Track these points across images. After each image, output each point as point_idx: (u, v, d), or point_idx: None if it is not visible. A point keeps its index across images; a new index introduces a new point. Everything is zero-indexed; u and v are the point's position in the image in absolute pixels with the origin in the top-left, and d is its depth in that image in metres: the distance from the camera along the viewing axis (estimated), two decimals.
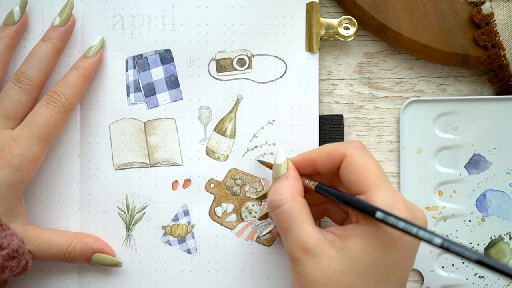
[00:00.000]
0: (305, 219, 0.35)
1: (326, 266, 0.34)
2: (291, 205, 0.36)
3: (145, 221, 0.44)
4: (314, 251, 0.34)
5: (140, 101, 0.44)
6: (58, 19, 0.42)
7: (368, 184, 0.35)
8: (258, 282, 0.44)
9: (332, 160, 0.37)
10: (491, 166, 0.45)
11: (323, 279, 0.34)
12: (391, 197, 0.34)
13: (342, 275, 0.34)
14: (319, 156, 0.38)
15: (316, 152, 0.38)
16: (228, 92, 0.44)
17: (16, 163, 0.38)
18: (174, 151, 0.44)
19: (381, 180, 0.35)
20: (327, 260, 0.34)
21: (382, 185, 0.35)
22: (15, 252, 0.37)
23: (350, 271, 0.34)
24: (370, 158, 0.36)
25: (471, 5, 0.44)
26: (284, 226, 0.36)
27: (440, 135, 0.45)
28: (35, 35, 0.44)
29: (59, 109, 0.40)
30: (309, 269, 0.34)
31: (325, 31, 0.44)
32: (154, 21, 0.44)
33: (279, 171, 0.38)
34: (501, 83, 0.45)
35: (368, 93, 0.46)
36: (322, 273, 0.34)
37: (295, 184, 0.37)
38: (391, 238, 0.34)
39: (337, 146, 0.37)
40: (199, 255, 0.44)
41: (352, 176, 0.35)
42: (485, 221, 0.45)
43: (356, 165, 0.35)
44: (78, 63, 0.42)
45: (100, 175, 0.44)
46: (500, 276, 0.30)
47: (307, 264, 0.34)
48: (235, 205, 0.44)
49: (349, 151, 0.36)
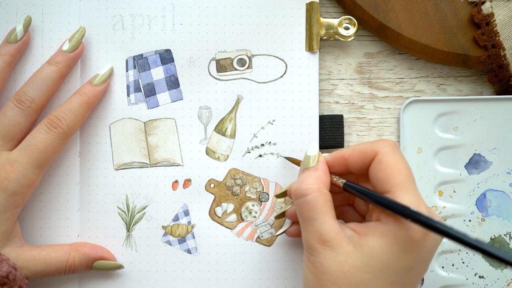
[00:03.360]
0: (328, 212, 0.35)
1: (342, 261, 0.34)
2: (316, 196, 0.36)
3: (145, 221, 0.44)
4: (332, 244, 0.34)
5: (140, 101, 0.44)
6: (67, 45, 0.41)
7: (395, 184, 0.34)
8: (258, 282, 0.44)
9: (364, 158, 0.37)
10: (491, 166, 0.45)
11: (338, 273, 0.34)
12: (416, 200, 0.34)
13: (358, 272, 0.33)
14: (351, 154, 0.37)
15: (348, 151, 0.38)
16: (228, 92, 0.44)
17: (11, 188, 0.38)
18: (174, 151, 0.44)
19: (409, 182, 0.35)
20: (344, 254, 0.34)
21: (409, 187, 0.35)
22: (4, 278, 0.36)
23: (366, 269, 0.33)
24: (401, 158, 0.36)
25: (471, 5, 0.44)
26: (306, 216, 0.36)
27: (440, 135, 0.45)
28: (35, 35, 0.44)
29: (59, 136, 0.40)
30: (324, 261, 0.34)
31: (325, 31, 0.44)
32: (154, 21, 0.44)
33: (309, 162, 0.38)
34: (501, 83, 0.45)
35: (368, 93, 0.46)
36: (337, 266, 0.34)
37: (323, 177, 0.37)
38: (411, 240, 0.34)
39: (370, 144, 0.37)
40: (199, 255, 0.44)
41: (381, 174, 0.35)
42: (485, 221, 0.45)
43: (386, 163, 0.35)
44: (83, 89, 0.42)
45: (100, 175, 0.44)
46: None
47: (324, 255, 0.34)
48: (235, 205, 0.44)
49: (381, 149, 0.36)
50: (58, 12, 0.44)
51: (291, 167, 0.44)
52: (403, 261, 0.34)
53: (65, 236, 0.44)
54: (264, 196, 0.44)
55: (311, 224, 0.35)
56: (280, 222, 0.44)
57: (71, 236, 0.44)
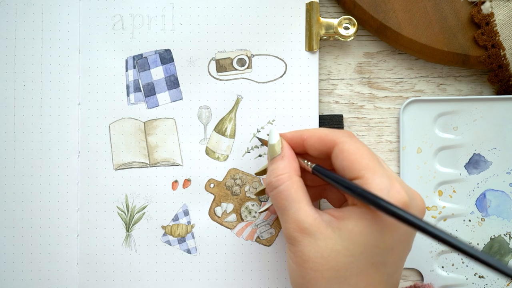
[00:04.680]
0: (302, 199, 0.35)
1: (322, 246, 0.34)
2: (288, 185, 0.36)
3: (145, 221, 0.44)
4: (310, 230, 0.34)
5: (140, 101, 0.44)
6: None
7: (362, 169, 0.34)
8: (258, 282, 0.44)
9: (322, 144, 0.37)
10: (491, 166, 0.45)
11: (319, 259, 0.34)
12: (387, 180, 0.34)
13: (338, 256, 0.33)
14: (310, 137, 0.37)
15: (307, 133, 0.38)
16: (228, 92, 0.44)
17: None
18: (174, 151, 0.44)
19: (375, 164, 0.35)
20: (323, 240, 0.34)
21: (377, 169, 0.34)
22: None
23: (346, 252, 0.33)
24: (362, 144, 0.36)
25: (471, 5, 0.44)
26: (281, 206, 0.36)
27: (440, 135, 0.45)
28: (35, 34, 0.44)
29: None
30: (305, 249, 0.34)
31: (325, 31, 0.44)
32: (154, 21, 0.44)
33: (274, 151, 0.38)
34: (501, 83, 0.45)
35: (368, 93, 0.46)
36: (318, 252, 0.34)
37: (291, 163, 0.37)
38: (388, 220, 0.34)
39: (328, 132, 0.37)
40: (199, 255, 0.44)
41: (345, 162, 0.35)
42: (485, 221, 0.45)
43: (348, 151, 0.35)
44: None
45: (99, 175, 0.44)
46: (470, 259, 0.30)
47: (304, 243, 0.34)
48: (235, 205, 0.44)
49: (340, 139, 0.36)
50: (58, 12, 0.44)
51: None
52: (383, 241, 0.34)
53: (65, 236, 0.44)
54: (263, 196, 0.44)
55: (287, 214, 0.35)
56: (279, 222, 0.44)
57: (70, 236, 0.44)
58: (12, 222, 0.44)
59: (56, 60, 0.44)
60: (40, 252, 0.44)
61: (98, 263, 0.44)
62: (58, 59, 0.44)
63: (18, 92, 0.44)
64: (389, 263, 0.35)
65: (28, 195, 0.43)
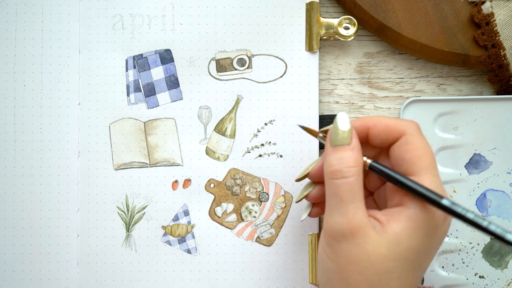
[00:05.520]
0: (362, 199, 0.34)
1: (370, 250, 0.32)
2: (357, 179, 0.34)
3: (145, 221, 0.44)
4: (362, 232, 0.33)
5: (140, 101, 0.44)
6: None
7: (422, 168, 0.34)
8: (258, 282, 0.44)
9: (388, 134, 0.35)
10: (491, 166, 0.45)
11: (365, 263, 0.32)
12: (439, 185, 0.34)
13: (384, 260, 0.32)
14: (375, 125, 0.36)
15: (373, 120, 0.36)
16: (228, 92, 0.44)
17: None
18: (174, 151, 0.44)
19: (434, 167, 0.34)
20: (371, 243, 0.32)
21: (434, 172, 0.34)
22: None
23: (392, 256, 0.32)
24: (427, 143, 0.35)
25: (471, 5, 0.44)
26: (343, 197, 0.33)
27: (440, 135, 0.45)
28: (35, 34, 0.44)
29: None
30: (353, 249, 0.33)
31: (325, 31, 0.44)
32: (154, 21, 0.44)
33: (344, 138, 0.35)
34: (501, 83, 0.45)
35: (368, 93, 0.46)
36: (365, 256, 0.32)
37: (361, 157, 0.35)
38: (435, 224, 0.33)
39: (396, 121, 0.35)
40: (199, 255, 0.44)
41: (408, 155, 0.34)
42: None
43: (414, 145, 0.34)
44: None
45: (100, 175, 0.44)
46: None
47: (353, 243, 0.33)
48: (235, 205, 0.44)
49: (409, 129, 0.35)
50: (58, 12, 0.44)
51: (291, 167, 0.44)
52: (425, 245, 0.33)
53: (65, 236, 0.44)
54: (264, 196, 0.44)
55: (345, 208, 0.33)
56: (279, 222, 0.44)
57: (70, 236, 0.44)
58: (12, 222, 0.44)
59: (56, 60, 0.44)
60: (40, 252, 0.44)
61: (98, 263, 0.44)
62: (58, 59, 0.44)
63: (18, 92, 0.44)
64: (422, 268, 0.34)
65: (28, 195, 0.43)
